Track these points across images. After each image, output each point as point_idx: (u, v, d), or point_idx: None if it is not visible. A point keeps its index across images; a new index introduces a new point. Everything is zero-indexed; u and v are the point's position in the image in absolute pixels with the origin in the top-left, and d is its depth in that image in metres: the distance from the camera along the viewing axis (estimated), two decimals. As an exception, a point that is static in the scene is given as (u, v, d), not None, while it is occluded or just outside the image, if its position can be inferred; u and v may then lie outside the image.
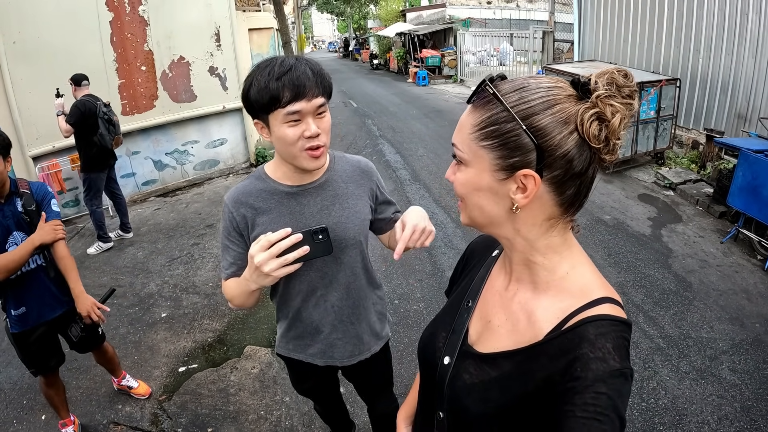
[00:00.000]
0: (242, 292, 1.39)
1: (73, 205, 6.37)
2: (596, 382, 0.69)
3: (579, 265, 0.84)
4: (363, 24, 39.97)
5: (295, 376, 1.93)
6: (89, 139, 4.91)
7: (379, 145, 9.56)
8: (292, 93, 1.29)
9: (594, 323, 0.74)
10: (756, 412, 2.96)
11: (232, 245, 1.53)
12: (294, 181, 1.52)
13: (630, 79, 0.74)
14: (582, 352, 0.72)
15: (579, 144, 0.74)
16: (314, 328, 1.67)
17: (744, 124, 6.91)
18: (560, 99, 0.74)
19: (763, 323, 3.78)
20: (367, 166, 1.67)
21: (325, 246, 1.26)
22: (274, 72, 1.29)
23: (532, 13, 24.28)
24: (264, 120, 1.36)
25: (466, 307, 0.98)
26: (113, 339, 3.68)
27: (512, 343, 0.84)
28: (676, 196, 6.50)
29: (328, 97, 1.40)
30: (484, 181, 0.79)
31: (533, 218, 0.80)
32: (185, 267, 4.90)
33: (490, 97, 0.77)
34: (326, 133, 1.40)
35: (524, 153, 0.74)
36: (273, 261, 1.20)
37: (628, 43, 9.49)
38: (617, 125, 0.72)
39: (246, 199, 1.51)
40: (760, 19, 6.56)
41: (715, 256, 4.88)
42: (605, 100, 0.72)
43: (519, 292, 0.88)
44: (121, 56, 6.50)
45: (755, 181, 4.80)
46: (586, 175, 0.77)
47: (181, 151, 7.54)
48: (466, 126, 0.81)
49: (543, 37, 14.47)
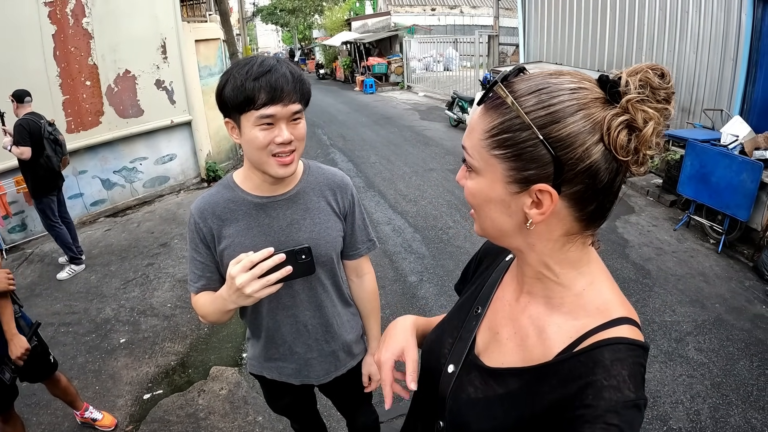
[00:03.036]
0: (217, 310, 1.33)
1: (20, 230, 6.01)
2: (608, 412, 0.64)
3: (597, 282, 0.77)
4: (308, 34, 39.83)
5: (270, 394, 1.87)
6: (35, 161, 4.60)
7: (330, 153, 9.51)
8: (268, 95, 1.22)
9: (610, 347, 0.69)
10: (726, 387, 3.08)
11: (199, 257, 1.46)
12: (263, 191, 1.44)
13: (667, 79, 0.65)
14: (595, 379, 0.66)
15: (605, 156, 0.65)
16: (288, 348, 1.62)
17: (688, 117, 7.22)
18: (585, 104, 0.65)
19: (722, 303, 3.94)
20: (342, 180, 1.58)
21: (308, 266, 1.23)
22: (253, 71, 1.23)
23: (476, 19, 24.70)
24: (236, 120, 1.29)
25: (475, 314, 0.91)
26: (71, 369, 3.49)
27: (520, 359, 0.79)
28: (626, 188, 6.69)
29: (306, 104, 1.33)
30: (495, 193, 0.72)
31: (549, 233, 0.73)
32: (141, 289, 4.70)
33: (504, 100, 0.68)
34: (300, 140, 1.33)
35: (541, 166, 0.66)
36: (255, 282, 1.15)
37: (573, 44, 9.80)
38: (649, 134, 0.64)
39: (212, 209, 1.43)
40: (699, 17, 6.88)
41: (669, 243, 5.05)
42: (637, 105, 0.64)
43: (530, 305, 0.81)
44: (65, 71, 6.20)
45: (703, 169, 5.01)
46: (611, 189, 0.69)
47: (130, 168, 7.26)
48: (477, 130, 0.72)
49: (488, 41, 14.77)
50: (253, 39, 59.69)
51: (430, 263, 4.81)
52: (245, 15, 26.94)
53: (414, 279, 4.52)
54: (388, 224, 5.82)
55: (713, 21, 6.66)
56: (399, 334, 1.03)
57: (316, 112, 14.82)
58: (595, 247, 0.79)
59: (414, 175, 7.71)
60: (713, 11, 6.63)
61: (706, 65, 6.88)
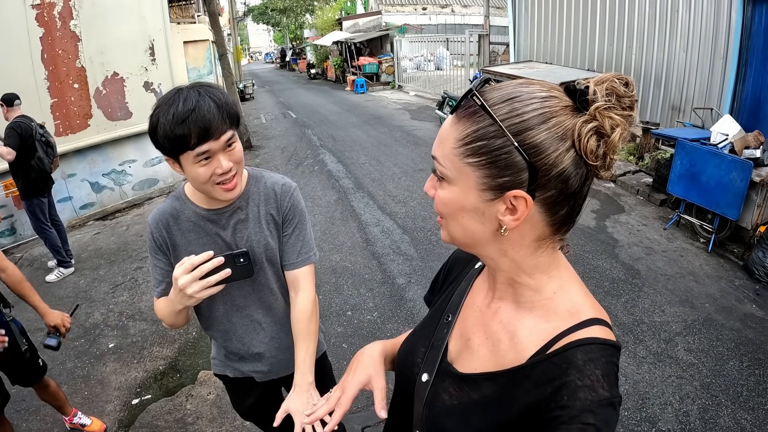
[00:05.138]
0: (170, 312, 1.42)
1: (8, 235, 5.98)
2: (583, 412, 0.65)
3: (567, 285, 0.78)
4: (299, 34, 39.80)
5: (235, 395, 1.91)
6: (27, 163, 4.60)
7: (320, 154, 9.48)
8: (199, 135, 1.28)
9: (583, 348, 0.69)
10: (716, 387, 3.07)
11: (158, 263, 1.55)
12: (210, 204, 1.52)
13: (631, 88, 0.68)
14: (569, 380, 0.67)
15: (575, 161, 0.67)
16: (246, 348, 1.69)
17: (678, 115, 7.25)
18: (556, 111, 0.67)
19: (712, 302, 3.95)
20: (282, 188, 1.59)
21: (246, 269, 1.32)
22: (178, 113, 1.26)
23: (467, 18, 24.72)
24: (175, 158, 1.36)
25: (446, 322, 0.92)
26: (60, 374, 3.47)
27: (493, 364, 0.79)
28: (617, 187, 6.73)
29: (237, 125, 1.39)
30: (469, 201, 0.72)
31: (521, 239, 0.74)
32: (130, 293, 4.66)
33: (477, 108, 0.69)
34: (239, 163, 1.40)
35: (515, 172, 0.67)
36: (195, 283, 1.24)
37: (563, 43, 9.81)
38: (617, 140, 0.67)
39: (166, 220, 1.53)
40: (689, 15, 6.91)
41: (659, 242, 5.06)
42: (604, 113, 0.66)
43: (501, 310, 0.82)
44: (53, 74, 6.17)
45: (693, 168, 5.02)
46: (581, 193, 0.71)
47: (119, 171, 7.22)
48: (449, 139, 0.72)
49: (479, 41, 14.76)
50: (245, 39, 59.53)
51: (418, 265, 4.80)
52: (236, 15, 26.83)
53: (402, 281, 4.51)
54: (377, 225, 5.80)
55: (703, 19, 6.69)
56: (367, 363, 1.04)
57: (306, 112, 14.82)
58: (564, 252, 0.80)
59: (403, 176, 7.69)
60: (703, 9, 6.66)
61: (696, 63, 6.91)
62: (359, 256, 5.06)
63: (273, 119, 14.23)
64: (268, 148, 10.46)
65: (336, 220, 6.11)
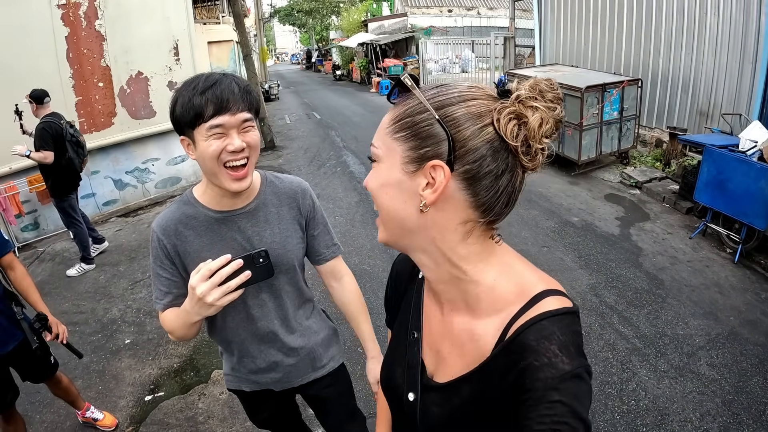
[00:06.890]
0: (183, 324, 1.34)
1: (32, 229, 6.11)
2: (547, 391, 0.65)
3: (508, 268, 0.79)
4: (325, 35, 40.00)
5: (251, 408, 1.85)
6: (57, 163, 4.64)
7: (342, 156, 9.49)
8: (216, 107, 1.26)
9: (533, 327, 0.70)
10: (738, 405, 2.96)
11: (164, 273, 1.46)
12: (223, 206, 1.46)
13: (555, 86, 0.71)
14: (527, 363, 0.68)
15: (494, 139, 0.70)
16: (262, 354, 1.62)
17: (706, 121, 7.07)
18: (478, 96, 0.73)
19: (737, 316, 3.81)
20: (299, 187, 1.59)
21: (267, 269, 1.26)
22: (199, 87, 1.27)
23: (493, 20, 24.52)
24: (190, 136, 1.32)
25: (413, 340, 0.92)
26: (75, 368, 3.50)
27: (464, 367, 0.80)
28: (642, 194, 6.58)
29: (256, 114, 1.37)
30: (393, 177, 0.76)
31: (446, 221, 0.75)
32: (148, 290, 4.70)
33: (409, 93, 0.76)
34: (253, 149, 1.36)
35: (436, 143, 0.71)
36: (216, 290, 1.18)
37: (589, 46, 9.66)
38: (536, 126, 0.69)
39: (174, 226, 1.44)
40: (718, 19, 6.73)
41: (684, 252, 4.92)
42: (525, 101, 0.69)
43: (453, 313, 0.83)
44: (78, 73, 6.29)
45: (720, 176, 4.87)
46: (504, 178, 0.72)
47: (142, 169, 7.33)
48: (384, 123, 0.79)
49: (504, 43, 14.63)
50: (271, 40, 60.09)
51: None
52: (262, 16, 27.07)
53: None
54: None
55: (732, 23, 6.51)
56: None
57: (330, 113, 14.85)
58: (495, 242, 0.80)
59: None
60: (732, 13, 6.48)
61: (725, 68, 6.73)
62: (378, 259, 5.03)
63: (297, 120, 14.29)
64: (292, 148, 10.51)
65: (356, 222, 6.09)
